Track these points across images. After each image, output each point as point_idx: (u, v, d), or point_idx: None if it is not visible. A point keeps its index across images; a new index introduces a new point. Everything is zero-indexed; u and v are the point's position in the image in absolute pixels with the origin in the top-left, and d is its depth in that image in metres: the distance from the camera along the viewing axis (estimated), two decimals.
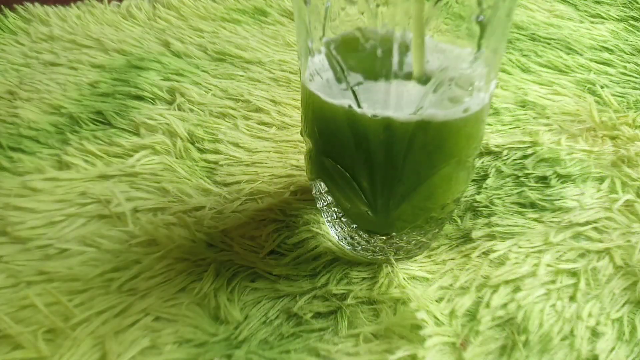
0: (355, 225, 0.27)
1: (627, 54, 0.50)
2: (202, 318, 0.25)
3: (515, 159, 0.36)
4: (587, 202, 0.32)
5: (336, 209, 0.27)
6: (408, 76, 0.20)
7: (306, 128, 0.26)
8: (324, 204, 0.28)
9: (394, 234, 0.26)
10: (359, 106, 0.21)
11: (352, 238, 0.28)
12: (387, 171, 0.23)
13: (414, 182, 0.23)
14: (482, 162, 0.36)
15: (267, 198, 0.33)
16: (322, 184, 0.26)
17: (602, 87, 0.45)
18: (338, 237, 0.29)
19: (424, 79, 0.20)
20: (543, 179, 0.34)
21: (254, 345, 0.24)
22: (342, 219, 0.27)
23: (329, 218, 0.28)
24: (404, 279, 0.27)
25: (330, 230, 0.30)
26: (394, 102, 0.20)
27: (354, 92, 0.21)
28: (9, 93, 0.43)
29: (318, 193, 0.28)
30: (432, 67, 0.20)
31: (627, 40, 0.53)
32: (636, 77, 0.47)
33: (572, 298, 0.26)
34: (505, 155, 0.36)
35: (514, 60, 0.49)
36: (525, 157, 0.36)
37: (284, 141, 0.38)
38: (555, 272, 0.28)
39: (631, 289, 0.27)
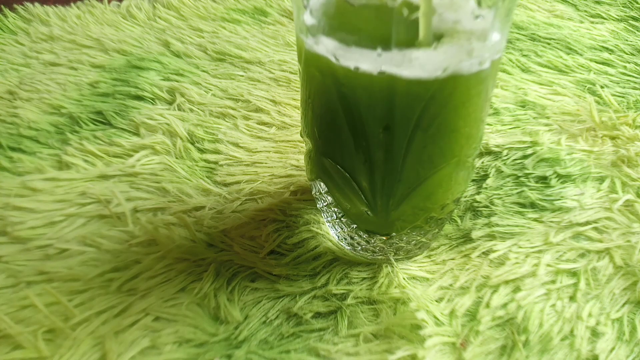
0: (355, 226, 0.27)
1: (627, 54, 0.50)
2: (202, 318, 0.25)
3: (515, 159, 0.36)
4: (587, 202, 0.32)
5: (336, 210, 0.27)
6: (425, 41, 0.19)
7: (306, 128, 0.26)
8: (324, 204, 0.28)
9: (393, 234, 0.26)
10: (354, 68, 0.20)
11: (352, 238, 0.28)
12: (387, 171, 0.23)
13: (413, 182, 0.23)
14: (482, 162, 0.36)
15: (267, 198, 0.33)
16: (322, 184, 0.26)
17: (602, 87, 0.45)
18: (338, 237, 0.29)
19: (439, 38, 0.19)
20: (543, 179, 0.34)
21: (254, 345, 0.24)
22: (342, 219, 0.27)
23: (329, 218, 0.28)
24: (404, 279, 0.27)
25: (330, 231, 0.30)
26: (413, 65, 0.19)
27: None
28: (9, 93, 0.43)
29: (318, 193, 0.28)
30: (446, 23, 0.19)
31: (627, 40, 0.53)
32: (636, 77, 0.47)
33: (572, 298, 0.26)
34: (505, 155, 0.36)
35: (514, 60, 0.49)
36: (525, 157, 0.36)
37: (284, 141, 0.38)
38: (555, 272, 0.28)
39: (631, 289, 0.27)
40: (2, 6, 0.56)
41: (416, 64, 0.19)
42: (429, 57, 0.19)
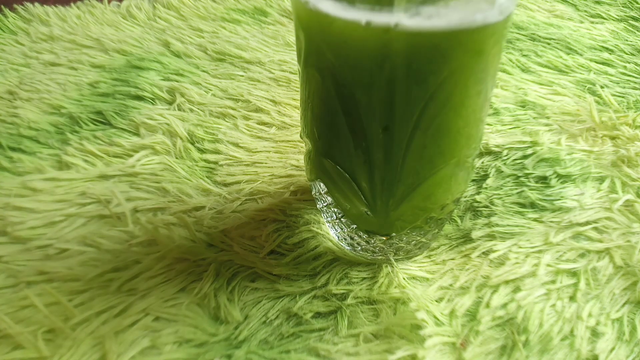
0: (355, 226, 0.27)
1: (627, 54, 0.50)
2: (202, 318, 0.25)
3: (515, 159, 0.36)
4: (587, 202, 0.32)
5: (336, 210, 0.27)
6: None
7: (305, 129, 0.26)
8: (324, 204, 0.28)
9: (393, 234, 0.26)
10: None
11: (352, 238, 0.28)
12: (387, 171, 0.23)
13: (413, 183, 0.23)
14: (482, 162, 0.36)
15: (267, 198, 0.33)
16: (322, 184, 0.26)
17: (602, 87, 0.45)
18: (338, 237, 0.29)
19: None
20: (543, 179, 0.34)
21: (254, 345, 0.24)
22: (342, 219, 0.27)
23: (329, 219, 0.28)
24: (404, 279, 0.27)
25: (330, 231, 0.30)
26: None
27: None
28: (9, 93, 0.43)
29: (318, 194, 0.28)
30: None
31: (627, 40, 0.53)
32: (636, 77, 0.47)
33: (572, 298, 0.26)
34: (505, 155, 0.36)
35: (514, 60, 0.49)
36: (525, 157, 0.36)
37: (284, 141, 0.38)
38: (555, 272, 0.28)
39: (631, 289, 0.27)
40: (2, 6, 0.56)
41: (437, 15, 0.18)
42: (446, 9, 0.18)
